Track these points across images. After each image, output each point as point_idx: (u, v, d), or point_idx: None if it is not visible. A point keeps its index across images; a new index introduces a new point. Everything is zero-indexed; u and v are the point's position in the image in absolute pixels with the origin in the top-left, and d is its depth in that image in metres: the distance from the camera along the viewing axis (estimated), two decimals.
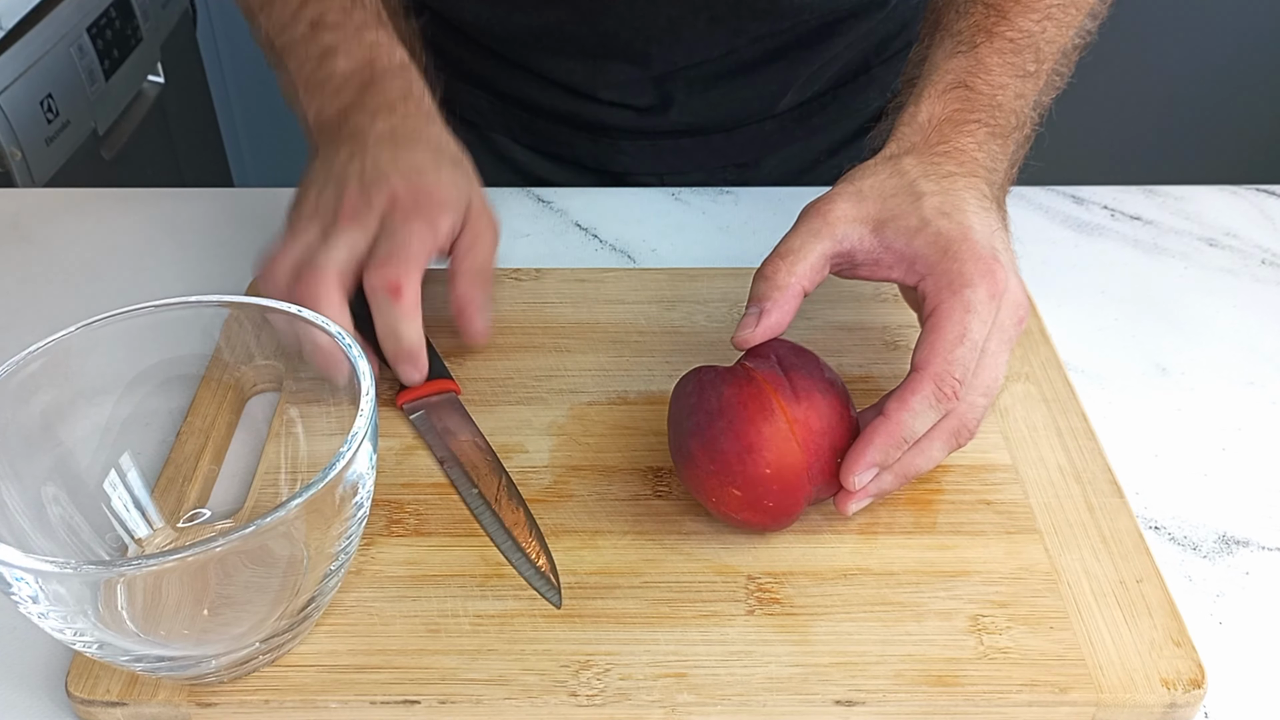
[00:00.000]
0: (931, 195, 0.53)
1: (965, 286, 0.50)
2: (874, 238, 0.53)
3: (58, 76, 1.27)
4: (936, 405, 0.49)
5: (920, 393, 0.49)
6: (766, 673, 0.46)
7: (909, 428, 0.49)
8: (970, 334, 0.49)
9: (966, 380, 0.49)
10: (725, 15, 0.77)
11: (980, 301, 0.50)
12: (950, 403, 0.49)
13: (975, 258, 0.51)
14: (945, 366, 0.49)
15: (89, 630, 0.42)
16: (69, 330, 0.48)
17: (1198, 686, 0.46)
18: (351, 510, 0.44)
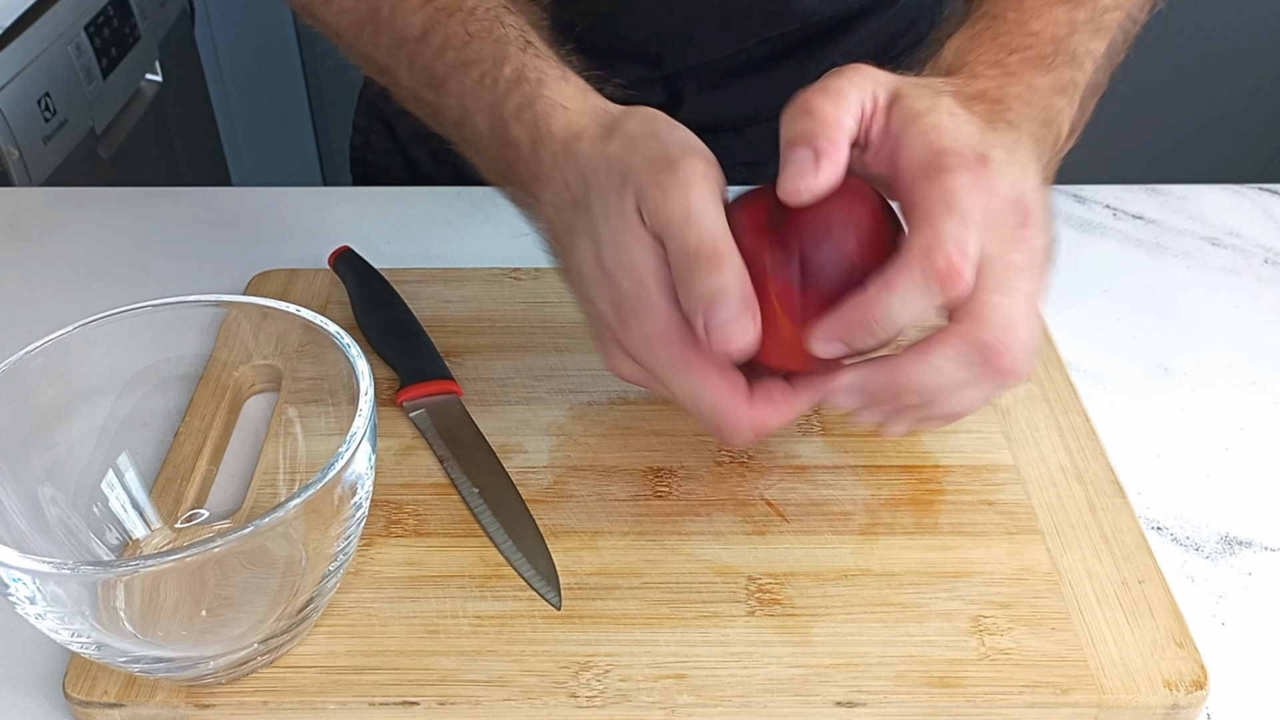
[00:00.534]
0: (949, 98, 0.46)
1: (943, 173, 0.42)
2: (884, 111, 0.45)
3: (55, 75, 1.27)
4: (927, 282, 0.41)
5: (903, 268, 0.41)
6: (767, 674, 0.46)
7: (884, 304, 0.41)
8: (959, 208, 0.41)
9: (968, 258, 0.41)
10: (738, 19, 0.77)
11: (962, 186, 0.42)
12: (952, 282, 0.41)
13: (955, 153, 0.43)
14: (933, 238, 0.41)
15: (86, 631, 0.42)
16: (66, 330, 0.48)
17: (1200, 688, 0.46)
18: (350, 511, 0.44)
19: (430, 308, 0.65)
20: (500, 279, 0.68)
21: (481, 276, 0.68)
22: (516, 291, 0.67)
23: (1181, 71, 2.00)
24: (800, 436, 0.57)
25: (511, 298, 0.67)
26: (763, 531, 0.52)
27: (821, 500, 0.54)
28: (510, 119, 0.50)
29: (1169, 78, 1.99)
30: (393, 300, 0.64)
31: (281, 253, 0.73)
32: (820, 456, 0.56)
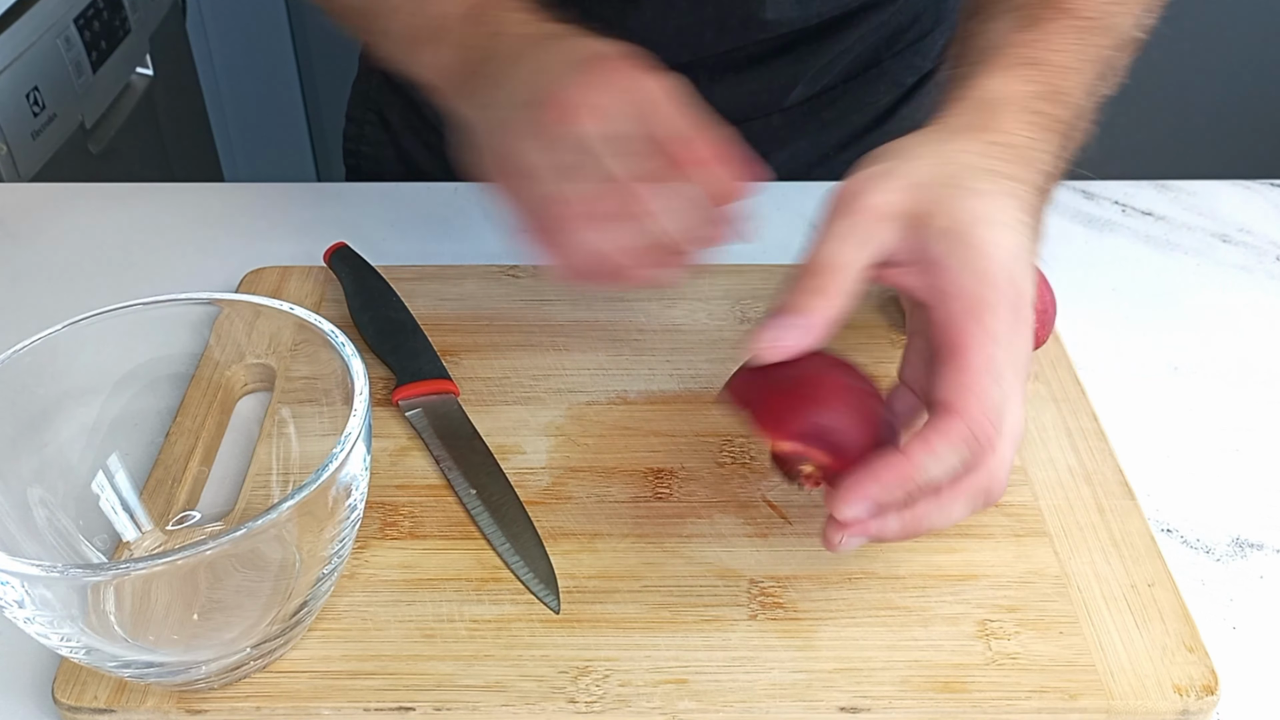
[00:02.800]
0: (973, 195, 0.47)
1: (988, 312, 0.44)
2: (905, 236, 0.47)
3: (44, 69, 1.27)
4: (966, 452, 0.43)
5: (951, 438, 0.43)
6: (770, 679, 0.46)
7: (927, 472, 0.43)
8: (998, 369, 0.44)
9: (1001, 422, 0.43)
10: (734, 26, 0.77)
11: (1004, 332, 0.44)
12: (987, 453, 0.43)
13: (1001, 279, 0.45)
14: (982, 411, 0.43)
15: (76, 635, 0.42)
16: (55, 328, 0.48)
17: (1211, 693, 0.46)
18: (345, 513, 0.44)
19: (426, 306, 0.65)
20: (498, 276, 0.68)
21: (478, 274, 0.68)
22: (514, 289, 0.67)
23: (1192, 66, 1.99)
24: None
25: (509, 295, 0.67)
26: (765, 534, 0.52)
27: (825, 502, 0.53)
28: None
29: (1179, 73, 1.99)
30: (389, 298, 0.64)
31: (275, 250, 0.73)
32: None
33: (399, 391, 0.59)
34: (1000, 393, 0.44)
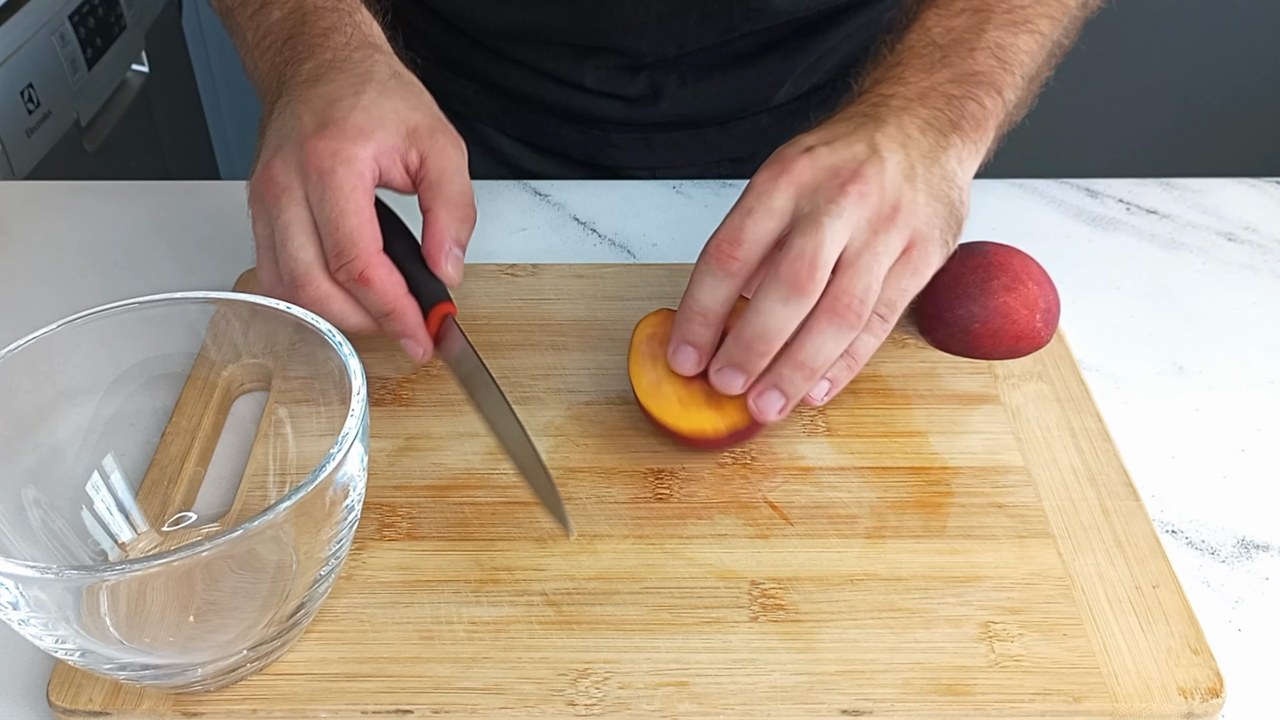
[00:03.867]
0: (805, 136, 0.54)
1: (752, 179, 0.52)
2: None
3: (39, 65, 1.27)
4: (707, 268, 0.51)
5: (697, 268, 0.51)
6: (771, 681, 0.46)
7: (693, 298, 0.52)
8: (741, 203, 0.51)
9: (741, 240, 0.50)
10: (717, 13, 0.77)
11: (758, 180, 0.51)
12: (724, 262, 0.51)
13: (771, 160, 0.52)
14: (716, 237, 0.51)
15: (71, 637, 0.42)
16: (50, 328, 0.48)
17: (1216, 696, 0.46)
18: (342, 513, 0.44)
19: None
20: (496, 275, 0.68)
21: (477, 273, 0.68)
22: (513, 288, 0.67)
23: (1197, 63, 1.99)
24: (805, 437, 0.57)
25: (508, 294, 0.67)
26: (766, 535, 0.52)
27: (826, 503, 0.54)
28: None
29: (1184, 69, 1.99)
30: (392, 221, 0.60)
31: None
32: (825, 458, 0.56)
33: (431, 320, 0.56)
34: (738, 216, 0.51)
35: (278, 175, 0.53)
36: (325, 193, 0.52)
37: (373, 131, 0.54)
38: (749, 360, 0.51)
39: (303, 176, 0.53)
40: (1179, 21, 1.94)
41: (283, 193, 0.53)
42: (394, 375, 0.61)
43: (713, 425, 0.54)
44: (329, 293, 0.54)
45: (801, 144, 0.53)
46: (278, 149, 0.54)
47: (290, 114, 0.55)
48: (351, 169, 0.53)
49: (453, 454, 0.56)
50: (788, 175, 0.51)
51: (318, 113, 0.54)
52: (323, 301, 0.54)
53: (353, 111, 0.54)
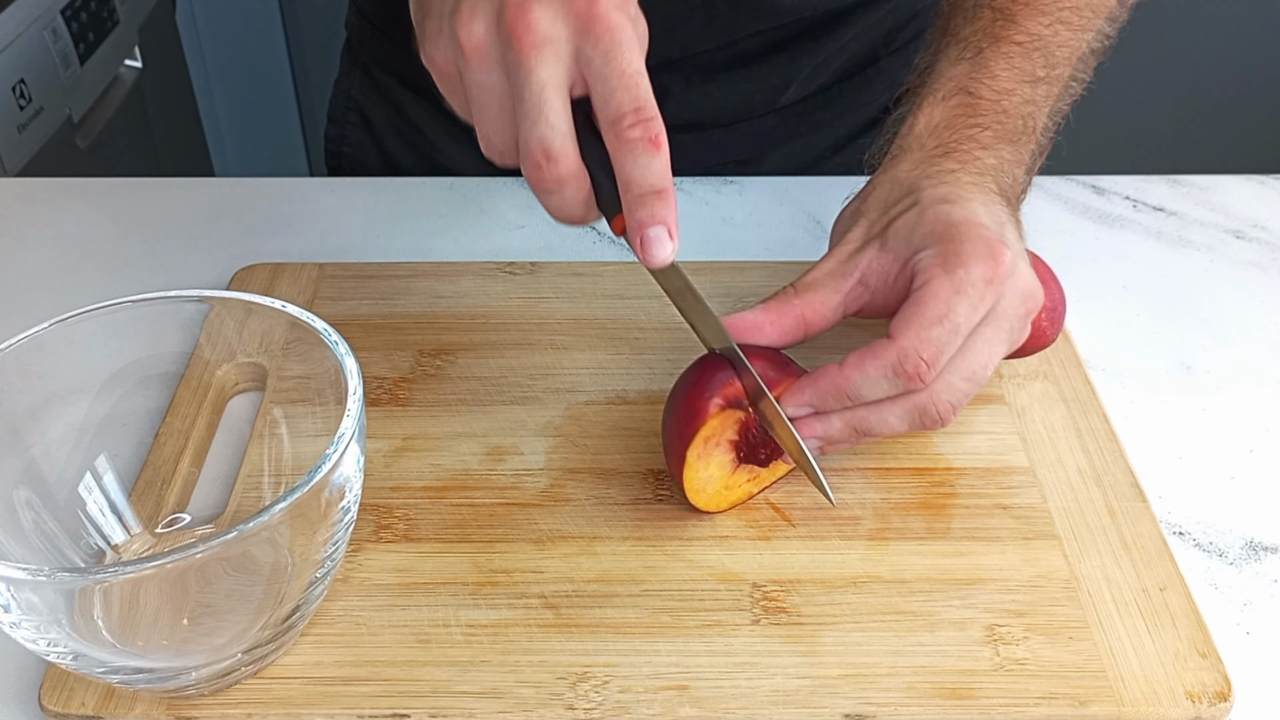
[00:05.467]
0: (932, 188, 0.53)
1: (959, 266, 0.49)
2: (880, 252, 0.53)
3: (31, 61, 1.27)
4: (893, 379, 0.49)
5: (880, 360, 0.49)
6: (772, 685, 0.46)
7: (856, 389, 0.49)
8: (953, 315, 0.49)
9: (937, 362, 0.49)
10: (723, 13, 0.77)
11: (973, 283, 0.49)
12: (912, 382, 0.48)
13: (976, 238, 0.50)
14: (914, 343, 0.48)
15: (63, 641, 0.42)
16: (42, 326, 0.48)
17: (1224, 699, 0.46)
18: (338, 515, 0.44)
19: (422, 304, 0.66)
20: (494, 273, 0.68)
21: (474, 271, 0.68)
22: (511, 286, 0.67)
23: (1203, 58, 1.99)
24: None
25: (506, 293, 0.67)
26: (768, 537, 0.52)
27: (829, 504, 0.54)
28: None
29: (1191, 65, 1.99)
30: None
31: (266, 246, 0.73)
32: (828, 459, 0.56)
33: None
34: (944, 331, 0.49)
35: (538, 21, 0.45)
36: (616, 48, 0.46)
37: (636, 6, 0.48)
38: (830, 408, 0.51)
39: (575, 27, 0.46)
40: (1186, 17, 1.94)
41: (545, 44, 0.45)
42: (391, 375, 0.61)
43: (749, 493, 0.54)
44: (576, 172, 0.47)
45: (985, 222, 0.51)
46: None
47: None
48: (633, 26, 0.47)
49: (450, 455, 0.56)
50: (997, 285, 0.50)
51: None
52: (566, 182, 0.47)
53: None
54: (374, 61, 0.89)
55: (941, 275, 0.49)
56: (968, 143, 0.56)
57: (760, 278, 0.68)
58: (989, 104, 0.57)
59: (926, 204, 0.52)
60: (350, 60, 0.92)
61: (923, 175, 0.54)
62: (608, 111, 0.46)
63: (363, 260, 0.70)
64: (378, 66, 0.89)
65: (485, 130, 0.48)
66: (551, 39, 0.45)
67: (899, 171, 0.55)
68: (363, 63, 0.90)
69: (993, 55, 0.58)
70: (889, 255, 0.52)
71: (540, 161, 0.46)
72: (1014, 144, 0.57)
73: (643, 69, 0.46)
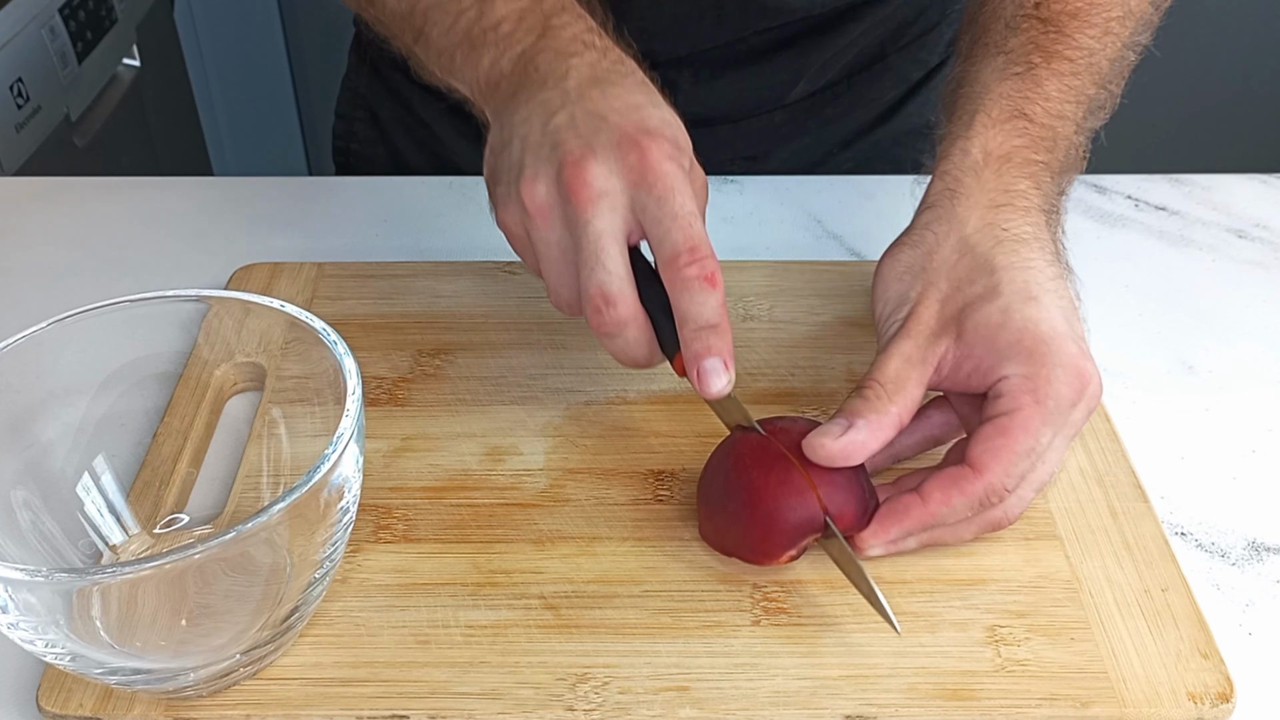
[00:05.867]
0: (1008, 272, 0.50)
1: (1049, 396, 0.48)
2: (957, 344, 0.50)
3: (28, 59, 1.27)
4: (976, 510, 0.48)
5: (967, 495, 0.48)
6: (773, 686, 0.46)
7: (942, 519, 0.49)
8: (1039, 447, 0.48)
9: (1018, 487, 0.49)
10: (732, 12, 0.77)
11: (1061, 411, 0.48)
12: (992, 508, 0.49)
13: (1066, 362, 0.48)
14: (1003, 478, 0.48)
15: (61, 641, 0.42)
16: (40, 326, 0.48)
17: (1226, 700, 0.46)
18: (337, 515, 0.44)
19: (421, 303, 0.66)
20: (494, 273, 0.68)
21: (474, 270, 0.68)
22: (511, 286, 0.67)
23: (1206, 57, 1.99)
24: None
25: (505, 292, 0.67)
26: None
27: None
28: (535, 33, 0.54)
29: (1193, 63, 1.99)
30: None
31: (265, 245, 0.73)
32: None
33: None
34: (1031, 463, 0.48)
35: (594, 177, 0.48)
36: (669, 193, 0.48)
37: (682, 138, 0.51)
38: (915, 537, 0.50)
39: (629, 177, 0.49)
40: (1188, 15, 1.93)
41: (601, 197, 0.48)
42: (390, 375, 0.61)
43: None
44: (636, 315, 0.49)
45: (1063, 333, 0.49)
46: (585, 144, 0.49)
47: (585, 111, 0.50)
48: (686, 175, 0.50)
49: (449, 455, 0.56)
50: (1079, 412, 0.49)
51: (624, 116, 0.50)
52: (627, 324, 0.49)
53: (664, 123, 0.50)
54: (382, 58, 0.89)
55: (1031, 406, 0.48)
56: (1023, 183, 0.53)
57: (761, 277, 0.68)
58: (1043, 129, 0.55)
59: (1009, 303, 0.49)
60: (358, 57, 0.92)
61: (995, 244, 0.51)
62: (664, 251, 0.49)
63: (362, 259, 0.70)
64: (386, 63, 0.89)
65: (553, 284, 0.51)
66: (607, 191, 0.49)
67: (964, 225, 0.52)
68: (371, 59, 0.91)
69: (1046, 73, 0.56)
70: (964, 350, 0.50)
71: (600, 306, 0.49)
72: (1060, 175, 0.56)
73: (696, 212, 0.49)
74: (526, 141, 0.51)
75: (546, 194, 0.49)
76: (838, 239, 0.74)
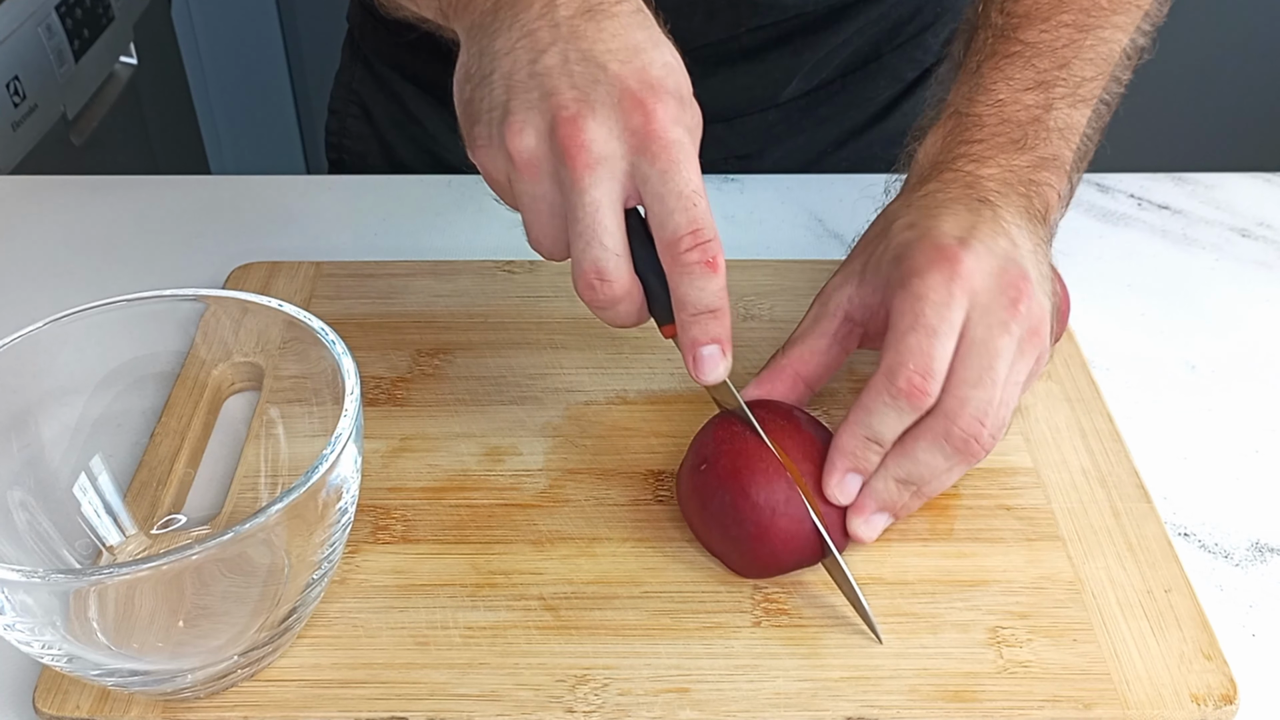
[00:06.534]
0: (902, 217, 0.52)
1: (913, 277, 0.48)
2: (858, 289, 0.53)
3: (25, 58, 1.26)
4: (894, 402, 0.47)
5: (873, 390, 0.48)
6: (774, 687, 0.46)
7: (869, 426, 0.48)
8: (924, 319, 0.47)
9: (929, 371, 0.47)
10: (723, 9, 0.77)
11: (931, 287, 0.48)
12: (914, 398, 0.47)
13: (927, 248, 0.49)
14: (894, 359, 0.47)
15: (58, 643, 0.42)
16: (37, 325, 0.48)
17: (1229, 702, 0.46)
18: (335, 516, 0.44)
19: (419, 302, 0.66)
20: (492, 272, 0.68)
21: (473, 269, 0.68)
22: (510, 285, 0.67)
23: (1209, 55, 1.99)
24: None
25: (504, 292, 0.67)
26: None
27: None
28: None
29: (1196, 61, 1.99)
30: None
31: (263, 244, 0.73)
32: None
33: None
34: (921, 337, 0.47)
35: (592, 140, 0.45)
36: (674, 166, 0.45)
37: (685, 86, 0.48)
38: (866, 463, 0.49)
39: (629, 144, 0.45)
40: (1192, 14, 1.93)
41: (599, 163, 0.45)
42: (388, 374, 0.61)
43: None
44: (630, 290, 0.47)
45: (945, 232, 0.50)
46: (580, 95, 0.45)
47: (578, 51, 0.46)
48: (692, 141, 0.47)
49: (448, 455, 0.56)
50: (960, 281, 0.48)
51: (625, 63, 0.46)
52: (620, 300, 0.48)
53: (668, 70, 0.47)
54: (375, 54, 0.89)
55: (900, 293, 0.49)
56: (958, 160, 0.55)
57: (763, 276, 0.68)
58: (987, 117, 0.56)
59: (895, 232, 0.52)
60: (351, 53, 0.92)
61: (902, 205, 0.54)
62: (664, 233, 0.46)
63: (360, 259, 0.70)
64: (379, 59, 0.89)
65: (535, 234, 0.49)
66: (606, 156, 0.45)
67: (888, 207, 0.55)
68: (364, 55, 0.91)
69: (988, 70, 0.58)
70: (867, 288, 0.52)
71: (594, 282, 0.47)
72: (1022, 149, 0.55)
73: (700, 188, 0.46)
74: (511, 80, 0.46)
75: (536, 147, 0.46)
76: (838, 238, 0.74)
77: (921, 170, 0.56)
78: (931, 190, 0.54)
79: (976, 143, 0.55)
